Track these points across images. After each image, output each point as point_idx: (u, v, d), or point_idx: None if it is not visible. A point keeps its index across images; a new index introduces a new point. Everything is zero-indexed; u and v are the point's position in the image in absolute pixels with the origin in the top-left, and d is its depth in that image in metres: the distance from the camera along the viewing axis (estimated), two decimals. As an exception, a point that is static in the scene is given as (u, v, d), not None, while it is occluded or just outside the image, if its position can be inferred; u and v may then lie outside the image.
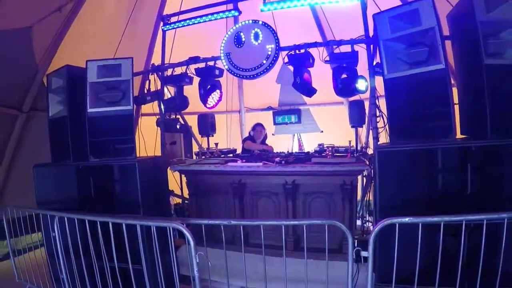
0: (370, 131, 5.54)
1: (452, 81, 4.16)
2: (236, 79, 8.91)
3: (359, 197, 5.88)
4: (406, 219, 3.18)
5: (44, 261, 5.15)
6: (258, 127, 8.30)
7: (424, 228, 3.20)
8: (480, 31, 3.72)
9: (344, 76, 5.32)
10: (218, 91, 6.34)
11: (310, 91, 5.66)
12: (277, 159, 5.72)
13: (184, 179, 6.74)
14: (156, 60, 6.98)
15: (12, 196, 7.02)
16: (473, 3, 3.75)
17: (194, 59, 6.26)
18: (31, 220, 4.87)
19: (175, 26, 6.57)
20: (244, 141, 8.39)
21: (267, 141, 8.48)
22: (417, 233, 3.18)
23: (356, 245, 3.45)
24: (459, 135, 4.11)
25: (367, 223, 5.88)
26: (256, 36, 5.78)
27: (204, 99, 6.29)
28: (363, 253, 3.41)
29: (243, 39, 5.88)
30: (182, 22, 6.47)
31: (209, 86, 6.26)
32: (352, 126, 5.90)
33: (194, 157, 7.08)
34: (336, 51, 5.44)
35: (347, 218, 5.30)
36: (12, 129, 7.01)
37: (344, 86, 5.30)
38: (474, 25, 3.75)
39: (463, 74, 4.39)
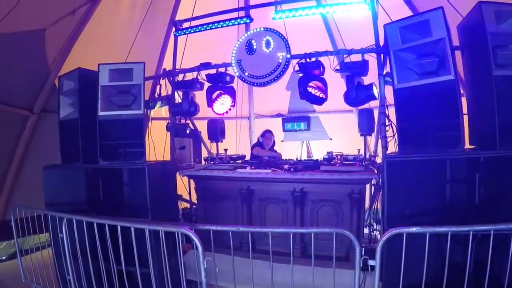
0: (379, 140, 5.54)
1: (462, 91, 4.17)
2: (247, 86, 8.92)
3: (367, 205, 5.87)
4: (414, 229, 3.18)
5: (51, 261, 5.18)
6: (267, 133, 8.33)
7: (431, 237, 3.19)
8: (490, 42, 3.74)
9: (358, 80, 5.35)
10: (227, 96, 6.31)
11: (317, 100, 5.67)
12: (286, 166, 5.72)
13: (192, 184, 6.75)
14: (167, 65, 7.02)
15: (21, 196, 7.06)
16: (483, 14, 3.76)
17: (205, 65, 6.28)
18: (39, 220, 4.89)
19: (187, 32, 6.60)
20: (253, 147, 8.43)
21: (275, 148, 8.49)
22: (424, 242, 3.18)
23: (363, 253, 3.45)
24: (467, 145, 4.11)
25: (375, 231, 5.86)
26: (268, 44, 5.81)
27: (210, 104, 6.32)
28: (370, 262, 3.41)
29: (255, 47, 5.90)
30: (194, 28, 6.50)
31: (218, 92, 6.27)
32: (361, 135, 5.90)
33: (203, 162, 7.11)
34: (347, 60, 5.44)
35: (354, 226, 5.29)
36: (23, 129, 7.07)
37: (360, 93, 5.32)
38: (484, 36, 3.76)
39: (472, 85, 4.38)
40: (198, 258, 3.48)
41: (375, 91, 5.19)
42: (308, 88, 5.57)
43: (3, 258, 7.03)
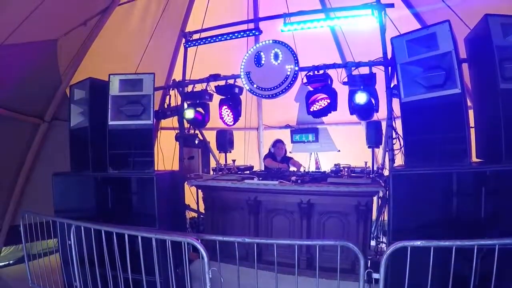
0: (387, 152, 5.54)
1: (469, 104, 4.17)
2: (256, 97, 8.97)
3: (374, 217, 5.86)
4: (418, 243, 3.18)
5: (58, 267, 5.22)
6: (278, 143, 8.37)
7: (436, 251, 3.19)
8: (497, 55, 3.73)
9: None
10: (229, 109, 6.38)
11: (322, 112, 5.70)
12: (293, 178, 5.71)
13: (200, 194, 6.77)
14: (177, 75, 7.08)
15: (30, 202, 7.11)
16: (490, 27, 3.77)
17: (215, 77, 6.32)
18: (48, 226, 4.94)
19: (196, 44, 6.66)
20: (265, 158, 8.45)
21: (293, 156, 8.55)
22: (429, 255, 3.18)
23: (369, 266, 3.46)
24: (474, 159, 4.11)
25: (381, 244, 5.85)
26: (276, 56, 5.84)
27: (221, 116, 6.37)
28: (375, 275, 3.41)
29: (263, 59, 5.94)
30: (203, 40, 6.55)
31: (228, 104, 6.31)
32: (369, 147, 5.91)
33: (212, 172, 7.13)
34: (355, 72, 5.46)
35: (361, 239, 5.27)
36: (34, 137, 7.14)
37: (356, 108, 5.38)
38: (490, 49, 3.77)
39: (479, 98, 4.39)
40: (204, 269, 3.50)
41: (363, 97, 5.23)
42: (313, 105, 5.63)
43: (11, 262, 7.10)
